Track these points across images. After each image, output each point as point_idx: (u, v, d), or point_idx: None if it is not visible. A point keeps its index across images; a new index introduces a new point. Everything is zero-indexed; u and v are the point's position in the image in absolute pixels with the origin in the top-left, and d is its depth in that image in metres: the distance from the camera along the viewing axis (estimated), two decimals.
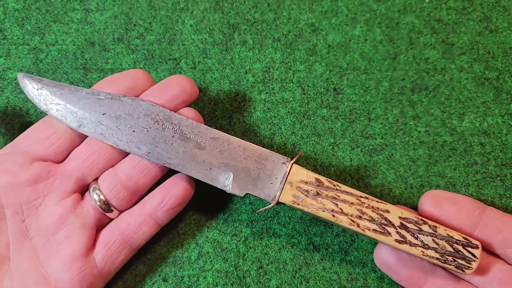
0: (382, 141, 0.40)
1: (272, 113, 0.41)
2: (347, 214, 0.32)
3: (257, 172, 0.34)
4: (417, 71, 0.42)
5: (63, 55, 0.42)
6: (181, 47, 0.42)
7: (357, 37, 0.43)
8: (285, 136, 0.41)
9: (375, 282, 0.37)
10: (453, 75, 0.42)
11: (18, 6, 0.43)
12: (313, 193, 0.33)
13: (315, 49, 0.43)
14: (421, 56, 0.42)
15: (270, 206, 0.33)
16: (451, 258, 0.31)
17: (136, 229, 0.34)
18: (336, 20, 0.43)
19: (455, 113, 0.41)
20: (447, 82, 0.41)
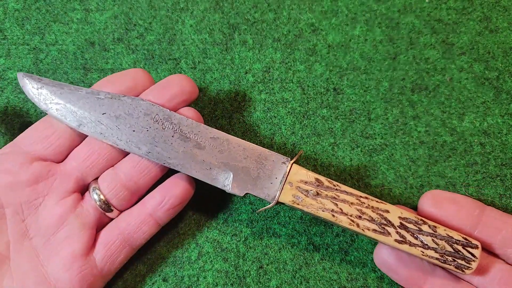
0: (382, 141, 0.40)
1: (272, 113, 0.41)
2: (346, 214, 0.32)
3: (257, 172, 0.34)
4: (417, 71, 0.42)
5: (63, 55, 0.42)
6: (181, 47, 0.42)
7: (357, 37, 0.43)
8: (285, 136, 0.41)
9: (375, 282, 0.37)
10: (453, 75, 0.42)
11: (18, 6, 0.43)
12: (313, 193, 0.33)
13: (315, 49, 0.43)
14: (421, 56, 0.42)
15: (270, 206, 0.33)
16: (450, 258, 0.31)
17: (136, 228, 0.34)
18: (336, 20, 0.43)
19: (455, 113, 0.41)
20: (447, 82, 0.41)
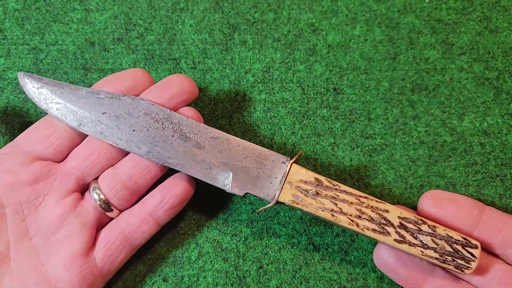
0: (382, 141, 0.40)
1: (272, 113, 0.41)
2: (346, 213, 0.32)
3: (256, 171, 0.34)
4: (417, 71, 0.42)
5: (63, 55, 0.42)
6: (181, 47, 0.43)
7: (357, 37, 0.43)
8: (285, 136, 0.41)
9: (375, 282, 0.37)
10: (453, 75, 0.42)
11: (18, 6, 0.43)
12: (312, 192, 0.33)
13: (315, 49, 0.43)
14: (421, 56, 0.42)
15: (269, 205, 0.33)
16: (450, 258, 0.31)
17: (136, 228, 0.34)
18: (336, 20, 0.43)
19: (455, 113, 0.41)
20: (447, 82, 0.41)
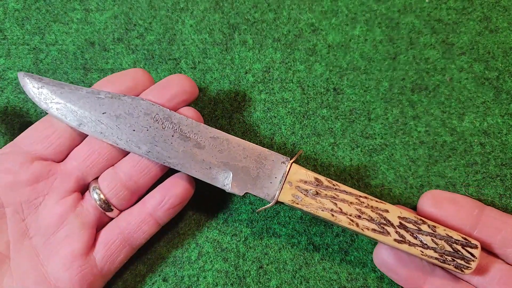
0: (382, 141, 0.40)
1: (272, 113, 0.41)
2: (346, 213, 0.32)
3: (256, 171, 0.34)
4: (417, 71, 0.42)
5: (63, 55, 0.42)
6: (181, 47, 0.43)
7: (357, 37, 0.43)
8: (285, 136, 0.41)
9: (375, 282, 0.37)
10: (453, 75, 0.42)
11: (18, 6, 0.43)
12: (312, 192, 0.33)
13: (315, 49, 0.43)
14: (421, 56, 0.42)
15: (269, 205, 0.33)
16: (450, 258, 0.31)
17: (136, 228, 0.34)
18: (336, 20, 0.43)
19: (455, 113, 0.41)
20: (447, 82, 0.41)
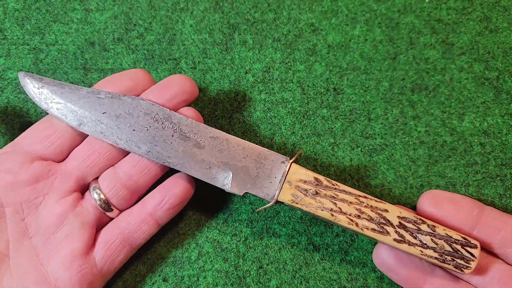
0: (382, 141, 0.40)
1: (272, 113, 0.41)
2: (345, 213, 0.32)
3: (256, 171, 0.34)
4: (417, 71, 0.42)
5: (63, 55, 0.42)
6: (181, 47, 0.43)
7: (357, 37, 0.43)
8: (285, 136, 0.41)
9: (375, 282, 0.37)
10: (453, 75, 0.42)
11: (18, 6, 0.43)
12: (312, 192, 0.33)
13: (315, 49, 0.43)
14: (421, 56, 0.42)
15: (269, 205, 0.33)
16: (450, 257, 0.31)
17: (136, 228, 0.34)
18: (336, 20, 0.43)
19: (455, 113, 0.41)
20: (447, 82, 0.41)
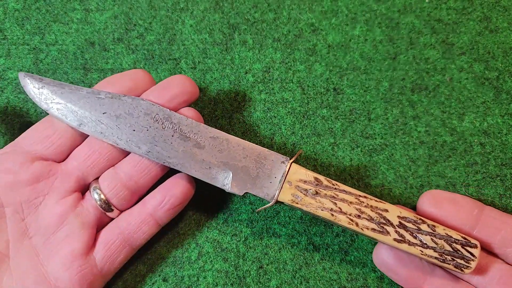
0: (382, 141, 0.40)
1: (272, 113, 0.41)
2: (346, 213, 0.32)
3: (256, 171, 0.34)
4: (417, 71, 0.42)
5: (63, 55, 0.42)
6: (181, 47, 0.43)
7: (357, 37, 0.43)
8: (285, 136, 0.41)
9: (375, 282, 0.37)
10: (453, 75, 0.42)
11: (18, 6, 0.43)
12: (312, 192, 0.33)
13: (315, 49, 0.43)
14: (421, 56, 0.42)
15: (269, 205, 0.33)
16: (450, 257, 0.31)
17: (136, 228, 0.34)
18: (336, 20, 0.43)
19: (455, 113, 0.41)
20: (447, 82, 0.41)
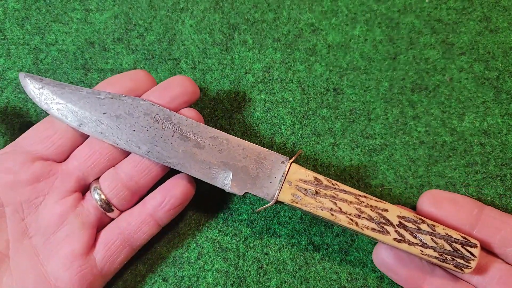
0: (382, 141, 0.40)
1: (272, 113, 0.41)
2: (345, 213, 0.32)
3: (256, 171, 0.34)
4: (417, 71, 0.42)
5: (63, 55, 0.42)
6: (181, 47, 0.43)
7: (357, 37, 0.43)
8: (285, 136, 0.41)
9: (375, 282, 0.37)
10: (453, 75, 0.42)
11: (18, 6, 0.43)
12: (311, 192, 0.33)
13: (315, 49, 0.43)
14: (421, 56, 0.42)
15: (269, 205, 0.33)
16: (450, 257, 0.31)
17: (136, 229, 0.34)
18: (336, 20, 0.43)
19: (455, 113, 0.41)
20: (447, 82, 0.41)
